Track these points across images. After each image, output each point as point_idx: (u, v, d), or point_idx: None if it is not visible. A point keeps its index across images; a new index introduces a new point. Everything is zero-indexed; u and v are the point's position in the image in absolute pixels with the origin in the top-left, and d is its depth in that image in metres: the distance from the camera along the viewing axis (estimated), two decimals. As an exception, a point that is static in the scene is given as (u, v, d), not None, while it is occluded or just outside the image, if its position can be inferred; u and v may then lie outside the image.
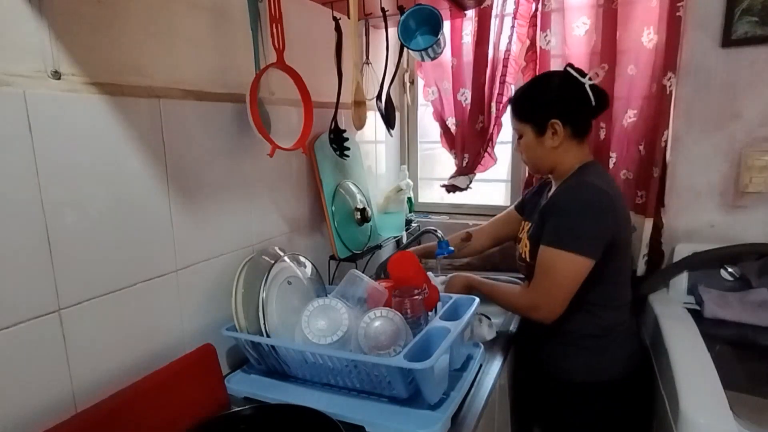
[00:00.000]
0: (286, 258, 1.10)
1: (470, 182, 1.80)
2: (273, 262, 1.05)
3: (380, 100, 1.43)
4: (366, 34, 1.46)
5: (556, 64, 1.56)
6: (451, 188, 1.83)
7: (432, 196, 2.07)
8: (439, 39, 1.29)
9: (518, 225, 1.33)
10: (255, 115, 1.03)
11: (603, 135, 1.54)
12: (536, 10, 1.56)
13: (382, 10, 1.32)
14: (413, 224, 1.87)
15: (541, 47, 1.57)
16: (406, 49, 1.38)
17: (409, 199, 1.86)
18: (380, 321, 0.95)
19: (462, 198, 1.89)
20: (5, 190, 0.69)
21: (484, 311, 1.31)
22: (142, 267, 0.90)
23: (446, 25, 1.56)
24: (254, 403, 0.97)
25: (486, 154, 1.75)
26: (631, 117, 1.51)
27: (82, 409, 0.78)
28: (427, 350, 0.89)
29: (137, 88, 0.87)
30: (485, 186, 1.91)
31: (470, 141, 1.75)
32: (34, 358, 0.74)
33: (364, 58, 1.46)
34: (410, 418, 0.88)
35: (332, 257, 1.42)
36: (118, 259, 0.85)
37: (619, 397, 1.17)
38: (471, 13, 1.66)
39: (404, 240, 1.88)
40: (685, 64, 1.45)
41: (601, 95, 1.14)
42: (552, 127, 1.12)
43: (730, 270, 1.42)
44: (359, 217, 1.47)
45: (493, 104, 1.67)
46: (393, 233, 1.66)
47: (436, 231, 1.64)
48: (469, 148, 1.76)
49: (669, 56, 1.41)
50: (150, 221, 0.91)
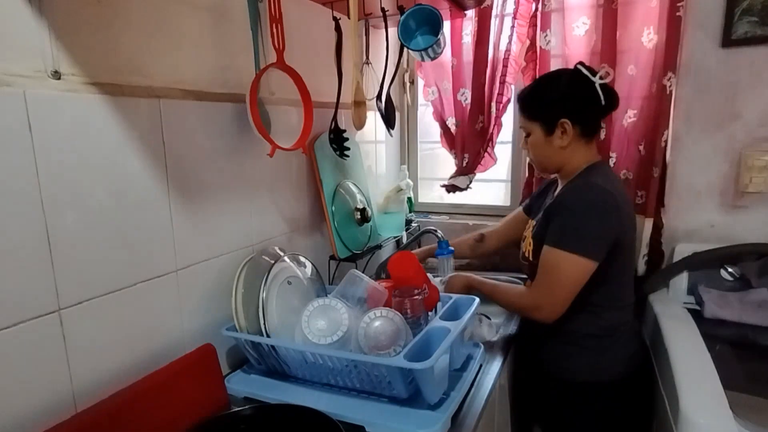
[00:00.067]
0: (286, 258, 1.10)
1: (470, 182, 1.80)
2: (273, 262, 1.05)
3: (380, 100, 1.43)
4: (366, 34, 1.46)
5: (556, 64, 1.56)
6: (451, 188, 1.83)
7: (432, 196, 2.07)
8: (439, 39, 1.29)
9: (526, 225, 1.33)
10: (255, 115, 1.03)
11: (603, 135, 1.54)
12: (536, 10, 1.56)
13: (382, 10, 1.32)
14: (413, 224, 1.87)
15: (541, 47, 1.57)
16: (406, 49, 1.37)
17: (409, 199, 1.86)
18: (380, 321, 0.95)
19: (462, 198, 1.89)
20: (5, 189, 0.69)
21: (484, 311, 1.31)
22: (142, 267, 0.90)
23: (446, 25, 1.56)
24: (254, 403, 0.97)
25: (486, 154, 1.75)
26: (631, 117, 1.51)
27: (82, 409, 0.78)
28: (427, 350, 0.89)
29: (137, 88, 0.87)
30: (485, 186, 1.92)
31: (470, 141, 1.75)
32: (34, 358, 0.74)
33: (364, 58, 1.46)
34: (410, 418, 0.88)
35: (332, 257, 1.42)
36: (118, 259, 0.85)
37: (619, 397, 1.17)
38: (471, 13, 1.66)
39: (404, 240, 1.88)
40: (685, 64, 1.45)
41: (612, 95, 1.12)
42: (561, 126, 1.11)
43: (730, 270, 1.42)
44: (359, 217, 1.47)
45: (493, 104, 1.67)
46: (393, 233, 1.66)
47: (436, 231, 1.65)
48: (469, 148, 1.76)
49: (669, 56, 1.42)
50: (150, 221, 0.91)
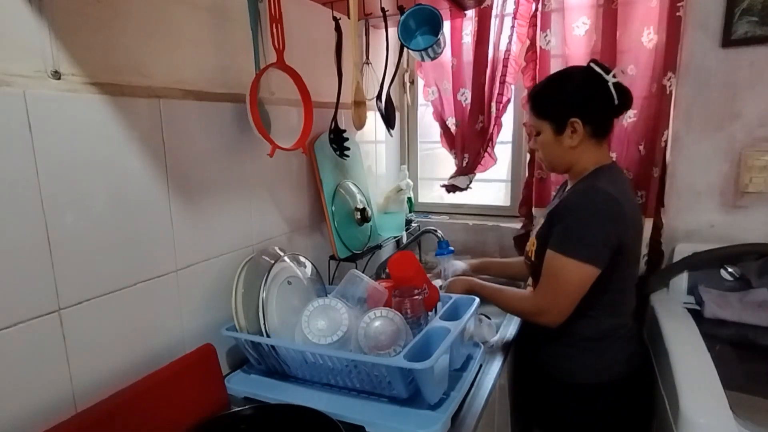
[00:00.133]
0: (286, 258, 1.10)
1: (470, 182, 1.80)
2: (273, 262, 1.05)
3: (380, 100, 1.43)
4: (366, 34, 1.46)
5: (556, 64, 1.56)
6: (451, 188, 1.83)
7: (432, 196, 2.07)
8: (439, 39, 1.29)
9: None
10: (255, 115, 1.03)
11: (603, 135, 1.54)
12: (536, 10, 1.56)
13: (382, 10, 1.32)
14: (413, 224, 1.87)
15: (541, 47, 1.57)
16: (406, 49, 1.37)
17: (409, 199, 1.86)
18: (380, 321, 0.95)
19: (462, 198, 1.89)
20: (5, 189, 0.69)
21: (484, 311, 1.31)
22: (142, 267, 0.90)
23: (446, 25, 1.56)
24: (254, 403, 0.97)
25: (486, 154, 1.75)
26: (631, 117, 1.51)
27: (82, 409, 0.78)
28: (427, 350, 0.89)
29: (137, 88, 0.87)
30: (485, 186, 1.92)
31: (470, 141, 1.75)
32: (34, 358, 0.74)
33: (364, 58, 1.46)
34: (410, 418, 0.88)
35: (332, 257, 1.42)
36: (118, 259, 0.85)
37: (619, 398, 1.16)
38: (471, 13, 1.66)
39: (404, 240, 1.88)
40: (685, 64, 1.45)
41: (625, 94, 1.09)
42: (571, 125, 1.08)
43: (730, 270, 1.42)
44: (359, 217, 1.47)
45: (493, 104, 1.67)
46: (393, 233, 1.66)
47: (436, 231, 1.65)
48: (469, 148, 1.76)
49: (669, 56, 1.42)
50: (150, 221, 0.91)
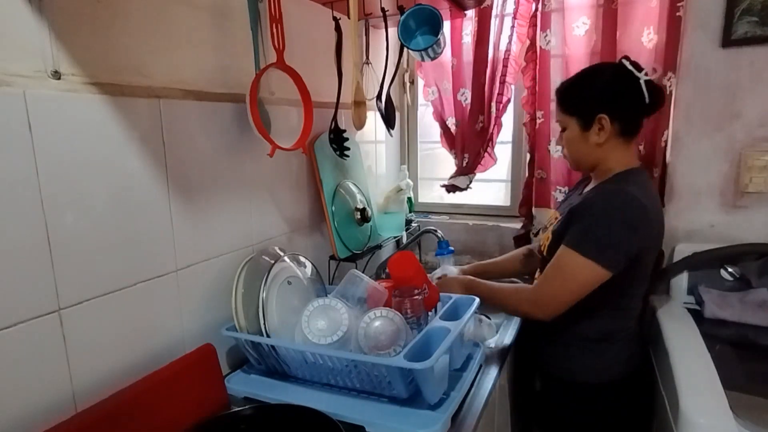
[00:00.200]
0: (286, 258, 1.10)
1: (470, 182, 1.80)
2: (273, 262, 1.05)
3: (380, 100, 1.43)
4: (366, 34, 1.46)
5: (556, 64, 1.57)
6: (451, 188, 1.83)
7: (432, 196, 2.07)
8: (439, 39, 1.29)
9: None
10: (255, 115, 1.03)
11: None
12: (536, 10, 1.56)
13: (382, 10, 1.32)
14: (413, 224, 1.87)
15: (541, 47, 1.57)
16: (406, 49, 1.37)
17: (409, 199, 1.86)
18: (380, 321, 0.95)
19: (462, 198, 1.89)
20: (5, 189, 0.69)
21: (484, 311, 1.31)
22: (142, 267, 0.90)
23: (446, 25, 1.56)
24: (254, 403, 0.97)
25: (486, 154, 1.75)
26: (631, 117, 1.51)
27: (82, 409, 0.78)
28: (427, 350, 0.89)
29: (137, 88, 0.87)
30: (485, 186, 1.92)
31: (470, 141, 1.75)
32: (34, 358, 0.74)
33: (364, 58, 1.46)
34: (410, 418, 0.88)
35: (332, 257, 1.42)
36: (118, 259, 0.85)
37: (619, 398, 1.16)
38: (471, 13, 1.66)
39: (404, 240, 1.88)
40: (685, 64, 1.45)
41: (657, 93, 1.05)
42: (599, 122, 1.06)
43: (730, 270, 1.41)
44: (359, 217, 1.47)
45: (493, 104, 1.67)
46: (393, 233, 1.66)
47: (436, 231, 1.65)
48: (469, 148, 1.76)
49: (669, 56, 1.42)
50: (150, 221, 0.91)
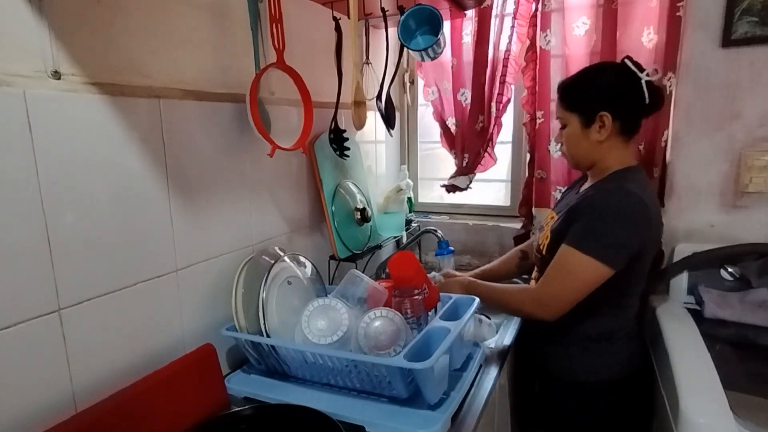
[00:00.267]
0: (286, 258, 1.10)
1: (470, 182, 1.80)
2: (273, 262, 1.05)
3: (380, 100, 1.43)
4: (366, 34, 1.46)
5: (556, 64, 1.57)
6: (451, 188, 1.83)
7: (432, 196, 2.07)
8: (439, 39, 1.29)
9: None
10: (255, 115, 1.03)
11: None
12: (536, 10, 1.56)
13: (382, 10, 1.32)
14: (413, 224, 1.87)
15: (541, 47, 1.57)
16: (406, 49, 1.37)
17: (409, 199, 1.86)
18: (380, 321, 0.95)
19: (462, 198, 1.89)
20: (5, 190, 0.69)
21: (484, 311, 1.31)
22: (142, 267, 0.90)
23: (446, 25, 1.56)
24: (254, 403, 0.97)
25: (486, 154, 1.75)
26: (631, 117, 1.51)
27: (82, 409, 0.78)
28: (427, 350, 0.89)
29: (137, 88, 0.87)
30: (485, 186, 1.92)
31: (470, 141, 1.75)
32: (34, 358, 0.74)
33: (364, 58, 1.46)
34: (410, 418, 0.88)
35: (332, 257, 1.42)
36: (118, 258, 0.85)
37: (619, 398, 1.16)
38: (471, 13, 1.66)
39: (404, 240, 1.88)
40: (685, 64, 1.45)
41: (657, 94, 1.07)
42: (600, 119, 1.06)
43: (730, 270, 1.41)
44: (359, 217, 1.47)
45: (493, 104, 1.67)
46: (393, 233, 1.66)
47: (436, 231, 1.65)
48: (469, 148, 1.76)
49: (669, 56, 1.42)
50: (150, 221, 0.91)
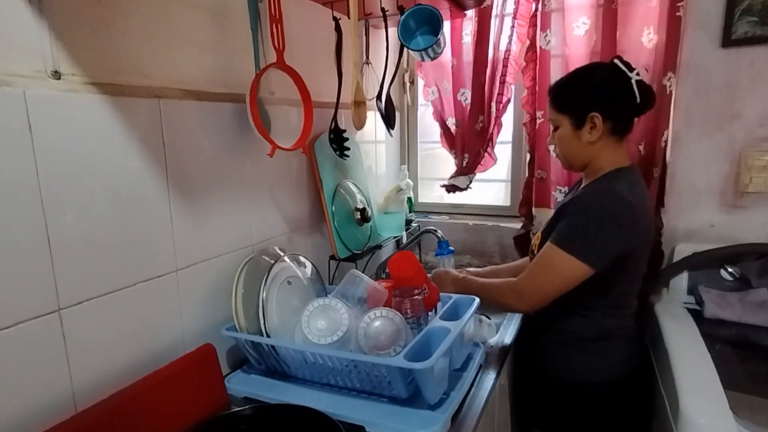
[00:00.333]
0: (286, 258, 1.10)
1: (470, 182, 1.80)
2: (273, 262, 1.05)
3: (380, 100, 1.43)
4: (366, 34, 1.46)
5: (556, 64, 1.56)
6: (451, 188, 1.83)
7: (432, 196, 2.07)
8: (439, 39, 1.29)
9: None
10: (255, 115, 1.03)
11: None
12: (536, 10, 1.56)
13: (382, 10, 1.32)
14: (413, 224, 1.87)
15: (541, 47, 1.57)
16: (406, 49, 1.37)
17: (409, 199, 1.86)
18: (380, 321, 0.95)
19: (462, 198, 1.89)
20: (5, 189, 0.69)
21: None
22: (142, 267, 0.90)
23: (446, 25, 1.56)
24: (254, 403, 0.97)
25: (486, 154, 1.75)
26: (631, 117, 1.51)
27: (82, 409, 0.78)
28: (427, 350, 0.89)
29: (137, 88, 0.87)
30: (485, 186, 1.92)
31: (470, 141, 1.75)
32: (34, 358, 0.74)
33: (364, 58, 1.46)
34: (410, 418, 0.88)
35: (332, 257, 1.42)
36: (118, 259, 0.85)
37: (619, 398, 1.16)
38: (471, 13, 1.66)
39: (404, 240, 1.88)
40: (685, 64, 1.45)
41: (647, 93, 1.08)
42: (591, 120, 1.07)
43: (730, 270, 1.41)
44: (359, 217, 1.47)
45: (493, 104, 1.67)
46: (393, 233, 1.66)
47: (436, 231, 1.65)
48: (469, 148, 1.76)
49: (669, 56, 1.41)
50: (150, 221, 0.91)
